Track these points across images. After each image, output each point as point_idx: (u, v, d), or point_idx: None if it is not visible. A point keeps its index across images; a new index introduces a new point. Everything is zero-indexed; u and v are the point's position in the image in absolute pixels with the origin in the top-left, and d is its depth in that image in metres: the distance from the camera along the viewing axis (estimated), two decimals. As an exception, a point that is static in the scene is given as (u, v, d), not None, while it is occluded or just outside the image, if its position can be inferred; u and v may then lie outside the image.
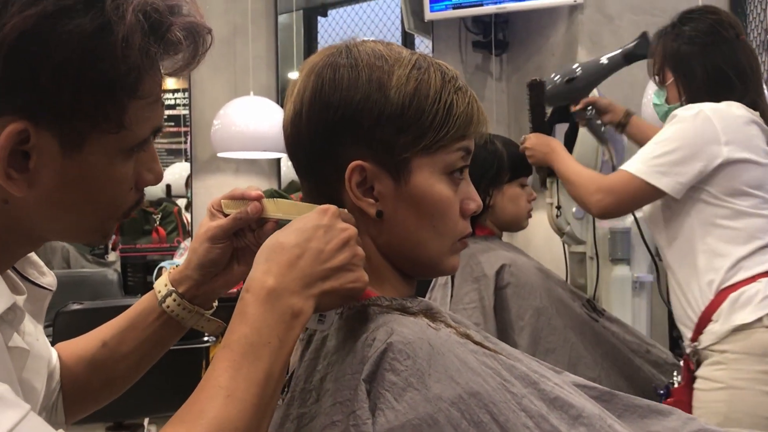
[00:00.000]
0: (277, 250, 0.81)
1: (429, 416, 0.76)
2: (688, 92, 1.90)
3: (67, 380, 1.03)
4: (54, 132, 0.73)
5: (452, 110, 0.89)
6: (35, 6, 0.69)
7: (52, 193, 0.76)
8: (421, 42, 4.19)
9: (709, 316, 1.79)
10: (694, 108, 1.82)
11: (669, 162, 1.81)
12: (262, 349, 0.76)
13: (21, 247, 0.84)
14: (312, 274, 0.81)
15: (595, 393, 0.99)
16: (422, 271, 0.96)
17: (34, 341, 0.89)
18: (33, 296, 0.92)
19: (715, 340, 1.77)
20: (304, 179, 0.95)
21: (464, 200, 0.94)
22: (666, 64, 1.95)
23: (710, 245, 1.82)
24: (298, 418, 0.88)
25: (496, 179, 2.12)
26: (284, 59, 4.19)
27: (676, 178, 1.80)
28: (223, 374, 0.75)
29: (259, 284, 0.79)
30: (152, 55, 0.76)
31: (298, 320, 0.79)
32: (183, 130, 4.15)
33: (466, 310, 2.00)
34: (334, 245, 0.82)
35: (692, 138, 1.80)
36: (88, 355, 1.05)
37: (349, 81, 0.88)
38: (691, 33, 1.91)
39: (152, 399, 2.75)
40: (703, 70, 1.88)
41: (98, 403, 1.09)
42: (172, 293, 1.02)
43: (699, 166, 1.79)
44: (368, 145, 0.88)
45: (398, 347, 0.80)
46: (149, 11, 0.74)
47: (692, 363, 1.85)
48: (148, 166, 0.84)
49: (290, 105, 0.92)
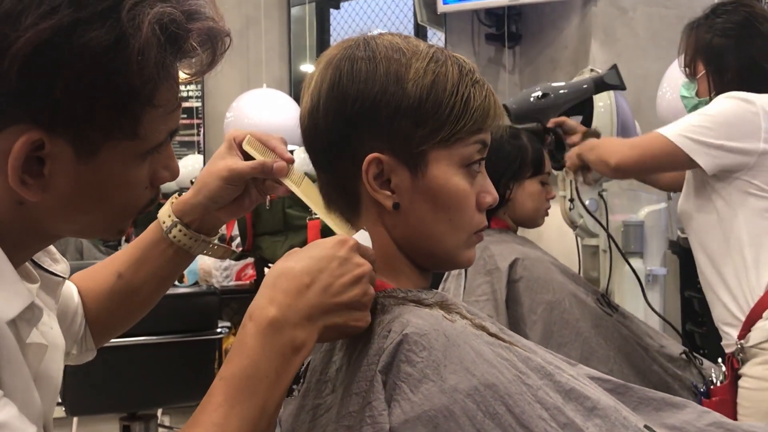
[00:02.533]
0: (286, 276, 0.80)
1: (445, 407, 0.76)
2: (719, 86, 1.87)
3: (91, 313, 1.08)
4: (68, 140, 0.73)
5: (469, 103, 0.89)
6: (50, 18, 0.68)
7: (66, 196, 0.76)
8: (433, 34, 4.19)
9: (759, 312, 1.75)
10: (752, 100, 1.78)
11: (708, 137, 1.77)
12: (259, 384, 0.76)
13: (36, 244, 0.85)
14: (318, 305, 0.80)
15: (609, 385, 0.99)
16: (438, 264, 0.96)
17: (48, 330, 0.90)
18: (46, 284, 0.93)
19: (766, 337, 1.72)
20: (320, 171, 0.95)
21: (480, 193, 0.94)
22: (698, 56, 1.91)
23: (759, 239, 1.78)
24: (313, 408, 0.88)
25: (518, 174, 2.12)
26: (297, 51, 4.20)
27: (712, 154, 1.76)
28: (218, 410, 0.75)
29: (261, 313, 0.78)
30: (168, 66, 0.75)
31: (298, 354, 0.79)
32: (196, 122, 4.17)
33: (479, 302, 1.99)
34: (346, 280, 0.81)
35: (737, 125, 1.76)
36: (107, 288, 1.08)
37: (366, 73, 0.88)
38: (725, 25, 1.87)
39: (165, 390, 2.77)
40: (737, 64, 1.85)
41: (124, 327, 1.14)
42: (176, 224, 1.04)
43: (738, 157, 1.76)
44: (385, 138, 0.88)
45: (414, 339, 0.80)
46: (166, 22, 0.73)
47: (737, 361, 1.79)
48: (164, 164, 0.84)
49: (307, 97, 0.93)
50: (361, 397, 0.80)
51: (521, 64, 3.89)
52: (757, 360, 1.75)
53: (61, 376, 0.93)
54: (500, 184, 2.09)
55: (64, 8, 0.69)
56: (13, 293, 0.76)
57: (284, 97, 3.67)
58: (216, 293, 2.89)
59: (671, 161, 1.84)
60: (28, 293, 0.78)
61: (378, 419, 0.77)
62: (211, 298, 2.86)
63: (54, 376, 0.91)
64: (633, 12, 3.36)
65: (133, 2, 0.71)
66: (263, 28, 3.91)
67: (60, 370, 0.93)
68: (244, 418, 0.75)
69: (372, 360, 0.81)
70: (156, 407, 3.03)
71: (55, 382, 0.91)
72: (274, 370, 0.77)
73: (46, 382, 0.88)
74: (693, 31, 1.93)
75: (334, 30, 4.69)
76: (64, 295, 1.02)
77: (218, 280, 3.82)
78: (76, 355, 1.10)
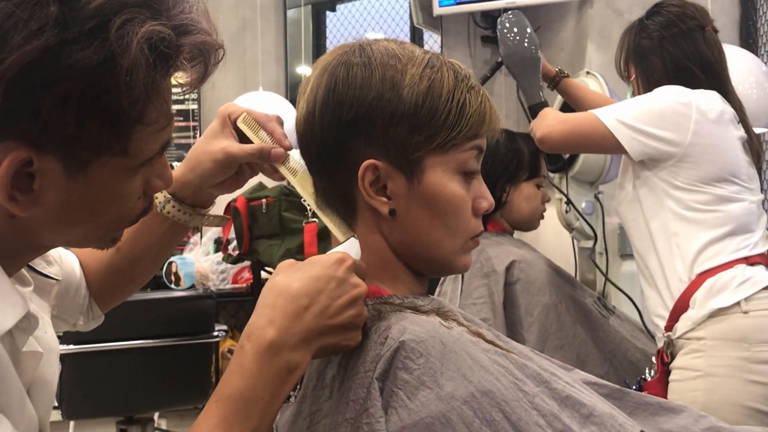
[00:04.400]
0: (285, 297, 0.80)
1: (442, 414, 0.76)
2: (648, 87, 1.88)
3: (93, 284, 1.10)
4: (57, 157, 0.72)
5: (465, 109, 0.89)
6: (37, 39, 0.67)
7: (58, 210, 0.75)
8: (429, 37, 4.19)
9: (685, 302, 1.76)
10: (685, 94, 1.79)
11: (638, 123, 1.77)
12: (254, 407, 0.77)
13: (29, 255, 0.85)
14: (315, 329, 0.80)
15: (606, 390, 0.99)
16: (434, 270, 0.96)
17: (43, 335, 0.90)
18: (39, 286, 0.93)
19: (692, 326, 1.73)
20: (316, 176, 0.95)
21: (476, 199, 0.94)
22: (629, 59, 1.95)
23: (684, 231, 1.78)
24: (310, 415, 0.88)
25: (515, 176, 2.12)
26: (293, 54, 4.19)
27: (640, 140, 1.77)
28: (213, 431, 0.76)
29: (260, 335, 0.79)
30: (158, 85, 0.74)
31: (293, 375, 0.80)
32: (192, 125, 4.16)
33: (476, 305, 2.00)
34: (343, 302, 0.82)
35: (668, 115, 1.77)
36: (106, 262, 1.10)
37: (362, 80, 0.88)
38: (651, 26, 1.90)
39: (162, 393, 2.77)
40: (662, 64, 1.87)
41: (128, 294, 1.17)
42: (170, 200, 1.05)
43: (665, 147, 1.76)
44: (381, 144, 0.88)
45: (411, 346, 0.80)
46: (156, 41, 0.72)
47: (666, 355, 1.80)
48: (158, 173, 0.84)
49: (303, 103, 0.92)
50: (358, 404, 0.80)
51: (517, 67, 3.89)
52: (684, 351, 1.75)
53: (56, 379, 0.94)
54: (496, 186, 2.09)
55: (51, 28, 0.68)
56: (9, 304, 0.76)
57: (281, 99, 3.67)
58: (213, 296, 2.89)
59: (599, 143, 1.84)
60: (23, 303, 0.78)
61: (375, 426, 0.77)
62: (207, 301, 2.86)
63: (49, 380, 0.91)
64: (629, 14, 3.35)
65: (122, 21, 0.70)
66: (259, 30, 3.92)
67: (55, 374, 0.94)
68: None
69: (369, 367, 0.81)
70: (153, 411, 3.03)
71: (50, 387, 0.91)
72: (269, 392, 0.78)
73: (41, 388, 0.88)
74: (627, 35, 1.97)
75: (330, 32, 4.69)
76: (66, 268, 1.03)
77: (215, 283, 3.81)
78: (83, 325, 1.12)
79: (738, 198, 1.78)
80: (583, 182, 2.46)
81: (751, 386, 1.67)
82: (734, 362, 1.68)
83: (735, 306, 1.70)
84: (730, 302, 1.70)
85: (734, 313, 1.71)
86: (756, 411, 1.65)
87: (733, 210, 1.77)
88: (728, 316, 1.71)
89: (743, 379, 1.67)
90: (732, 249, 1.76)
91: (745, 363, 1.68)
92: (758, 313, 1.70)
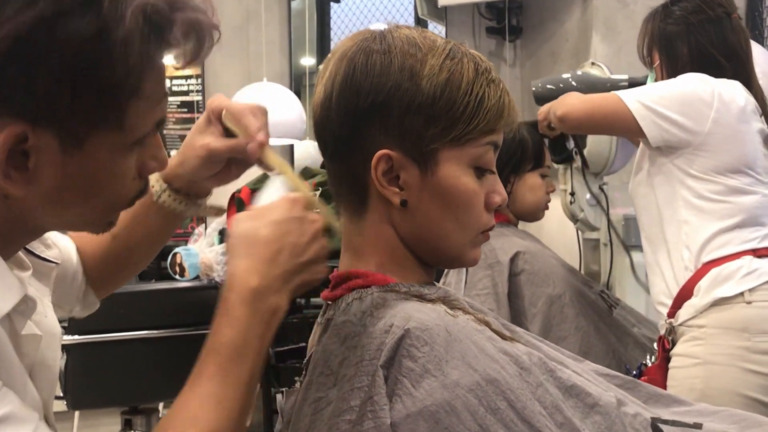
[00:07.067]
0: (257, 244, 0.82)
1: (446, 402, 0.76)
2: (672, 74, 1.87)
3: (89, 271, 1.10)
4: (53, 132, 0.72)
5: (483, 103, 0.89)
6: (31, 10, 0.67)
7: (53, 190, 0.75)
8: (434, 28, 4.18)
9: (689, 289, 1.76)
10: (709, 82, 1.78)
11: (661, 106, 1.76)
12: (247, 351, 0.80)
13: (24, 238, 0.85)
14: (291, 269, 0.83)
15: (618, 381, 0.99)
16: (443, 262, 0.96)
17: (43, 318, 0.90)
18: (38, 270, 0.93)
19: (694, 314, 1.73)
20: (329, 162, 0.95)
21: (489, 193, 0.94)
22: (653, 45, 1.93)
23: (695, 220, 1.78)
24: (315, 402, 0.88)
25: (519, 167, 2.12)
26: (297, 45, 4.18)
27: (660, 125, 1.76)
28: (212, 380, 0.78)
29: (243, 283, 0.81)
30: (153, 57, 0.74)
31: (276, 317, 0.82)
32: (196, 116, 4.16)
33: (480, 296, 2.00)
34: (307, 238, 0.85)
35: (691, 102, 1.76)
36: (103, 249, 1.10)
37: (381, 67, 0.87)
38: (678, 13, 1.88)
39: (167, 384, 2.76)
40: (688, 51, 1.85)
41: (123, 281, 1.18)
42: (165, 190, 1.05)
43: (683, 134, 1.76)
44: (396, 134, 0.88)
45: (416, 333, 0.80)
46: (150, 12, 0.72)
47: (668, 341, 1.80)
48: (152, 154, 0.84)
49: (321, 88, 0.92)
50: (362, 392, 0.80)
51: (522, 58, 3.88)
52: (685, 338, 1.76)
53: (58, 363, 0.94)
54: (501, 177, 2.09)
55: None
56: (6, 287, 0.76)
57: (285, 90, 3.66)
58: (217, 287, 2.89)
59: (620, 124, 1.83)
60: (20, 286, 0.78)
61: (379, 414, 0.77)
62: (212, 292, 2.86)
63: (51, 364, 0.91)
64: (634, 4, 3.34)
65: None
66: (263, 21, 3.91)
67: (57, 359, 0.94)
68: (238, 384, 0.79)
69: (374, 355, 0.81)
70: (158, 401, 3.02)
71: (52, 371, 0.92)
72: (258, 336, 0.81)
73: (43, 372, 0.88)
74: (650, 20, 1.94)
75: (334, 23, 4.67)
76: (64, 254, 1.04)
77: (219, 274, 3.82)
78: (79, 311, 1.12)
79: (751, 190, 1.78)
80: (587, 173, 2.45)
81: (750, 376, 1.68)
82: (734, 351, 1.69)
83: (739, 296, 1.71)
84: (734, 292, 1.71)
85: (737, 303, 1.71)
86: (753, 400, 1.66)
87: (745, 202, 1.77)
88: (731, 305, 1.71)
89: (742, 368, 1.68)
90: (741, 240, 1.76)
91: (745, 352, 1.68)
92: (761, 304, 1.71)
